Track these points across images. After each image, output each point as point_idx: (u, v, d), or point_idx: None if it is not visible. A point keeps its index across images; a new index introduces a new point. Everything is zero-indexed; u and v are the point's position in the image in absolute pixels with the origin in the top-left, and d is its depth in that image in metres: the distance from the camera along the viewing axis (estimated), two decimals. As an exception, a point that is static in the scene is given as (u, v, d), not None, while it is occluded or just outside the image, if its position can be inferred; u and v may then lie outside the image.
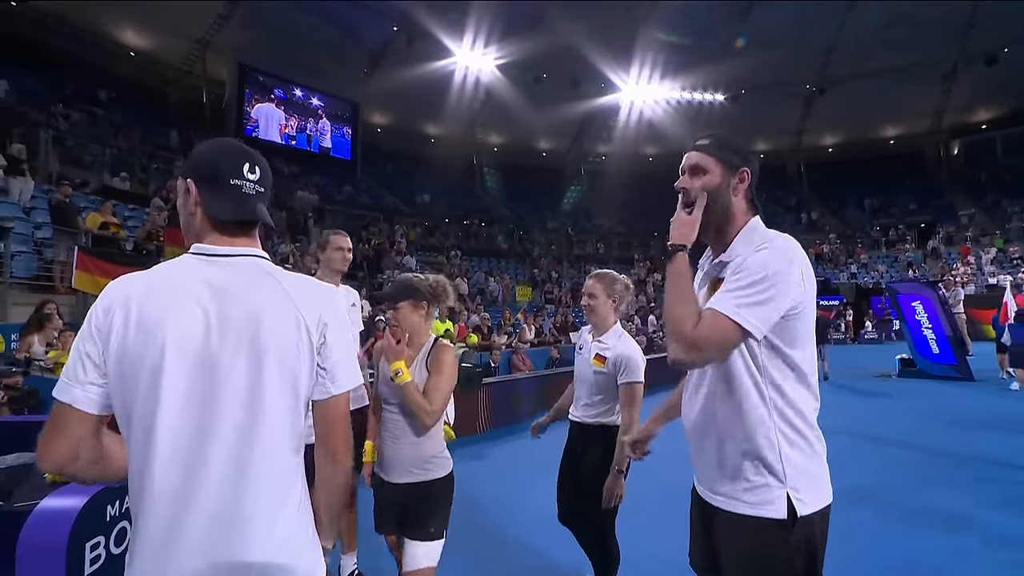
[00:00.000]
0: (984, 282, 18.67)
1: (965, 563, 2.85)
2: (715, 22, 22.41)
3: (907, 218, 25.59)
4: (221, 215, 1.00)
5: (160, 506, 0.89)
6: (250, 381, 0.93)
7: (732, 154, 1.35)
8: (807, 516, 1.21)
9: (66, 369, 0.93)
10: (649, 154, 31.30)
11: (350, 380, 1.06)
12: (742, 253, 1.28)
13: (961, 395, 8.04)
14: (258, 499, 0.93)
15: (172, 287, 0.95)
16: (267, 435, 0.94)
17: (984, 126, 26.68)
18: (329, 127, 23.05)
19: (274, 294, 0.99)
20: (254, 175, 1.03)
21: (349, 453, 1.08)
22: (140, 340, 0.90)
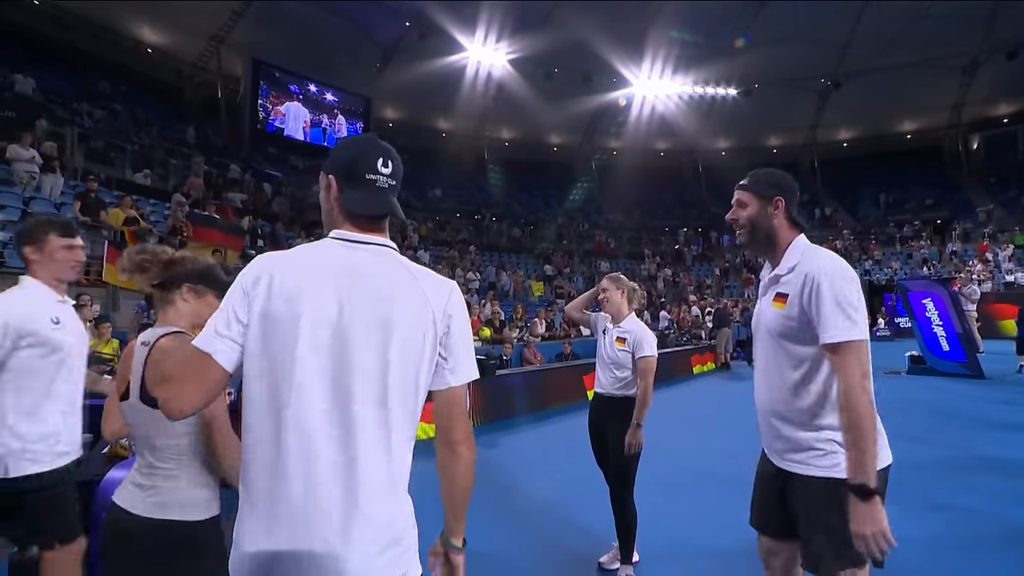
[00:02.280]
0: (1002, 280, 18.46)
1: (965, 559, 2.98)
2: (728, 16, 22.22)
3: (923, 214, 25.22)
4: (355, 209, 1.06)
5: (283, 469, 0.94)
6: (380, 359, 0.98)
7: (767, 187, 1.70)
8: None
9: (210, 326, 1.00)
10: (660, 149, 31.17)
11: (470, 372, 1.09)
12: (789, 264, 1.63)
13: (970, 392, 8.08)
14: (376, 474, 0.97)
15: (312, 264, 1.01)
16: (391, 414, 0.98)
17: (1005, 120, 26.18)
18: (345, 122, 23.30)
19: (405, 281, 1.04)
20: (387, 169, 1.09)
21: (471, 447, 1.08)
22: (281, 307, 0.97)
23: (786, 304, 1.58)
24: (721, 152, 30.75)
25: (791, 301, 1.57)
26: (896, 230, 24.40)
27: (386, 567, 0.97)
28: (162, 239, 9.30)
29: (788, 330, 1.58)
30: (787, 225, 1.69)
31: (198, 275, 1.45)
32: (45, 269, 1.91)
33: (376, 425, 0.98)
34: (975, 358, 9.47)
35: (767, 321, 1.66)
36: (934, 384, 8.92)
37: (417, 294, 1.04)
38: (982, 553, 2.95)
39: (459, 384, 1.07)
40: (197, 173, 14.41)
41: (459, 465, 1.07)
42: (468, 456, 1.07)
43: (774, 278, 1.67)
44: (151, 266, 1.41)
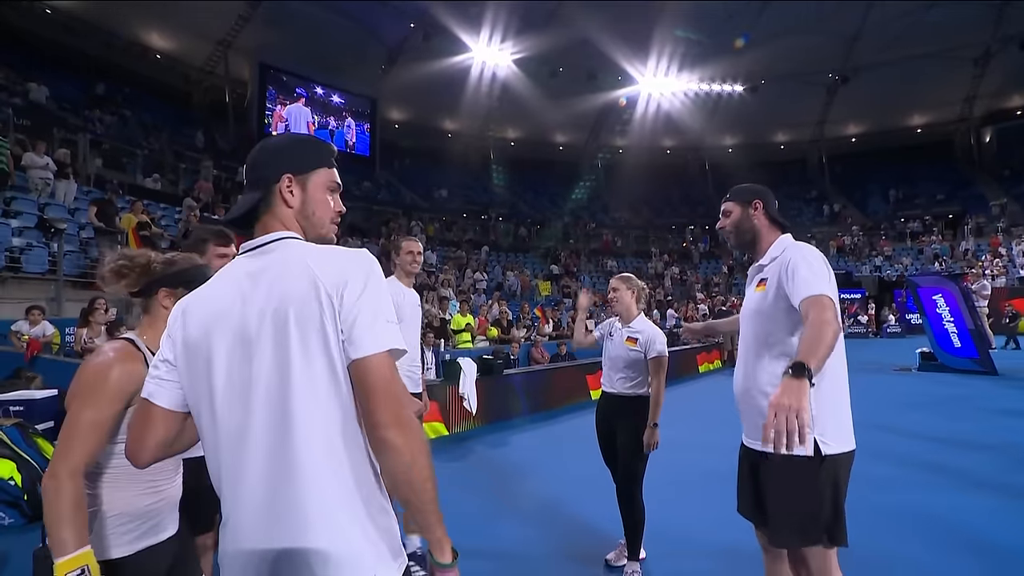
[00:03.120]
0: (1016, 274, 18.24)
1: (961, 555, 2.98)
2: (733, 12, 22.09)
3: (933, 209, 24.92)
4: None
5: (224, 488, 0.95)
6: (278, 354, 0.92)
7: (746, 193, 1.90)
8: (832, 456, 1.61)
9: (150, 369, 1.03)
10: (666, 147, 31.06)
11: (370, 343, 0.92)
12: (772, 255, 1.80)
13: (983, 388, 8.01)
14: (299, 479, 0.90)
15: (216, 284, 1.02)
16: (301, 408, 0.91)
17: (1019, 112, 25.81)
18: (353, 124, 23.46)
19: (296, 267, 0.96)
20: (246, 177, 1.07)
21: (403, 428, 0.90)
22: (193, 335, 0.98)
23: (766, 287, 1.75)
24: (728, 149, 30.58)
25: (770, 283, 1.74)
26: (906, 225, 24.14)
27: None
28: (174, 243, 9.44)
29: (767, 310, 1.74)
30: (768, 224, 1.87)
31: (175, 278, 1.35)
32: None
33: (291, 426, 0.91)
34: (987, 354, 9.37)
35: (749, 305, 1.84)
36: (945, 380, 8.85)
37: (305, 275, 0.94)
38: (978, 550, 2.95)
39: (360, 356, 0.92)
40: (206, 177, 14.59)
41: (388, 457, 0.91)
42: (400, 443, 0.89)
43: (758, 267, 1.86)
44: (129, 272, 1.34)
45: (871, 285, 20.84)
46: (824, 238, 25.11)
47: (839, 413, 1.67)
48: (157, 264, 1.36)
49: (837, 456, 1.62)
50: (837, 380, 1.68)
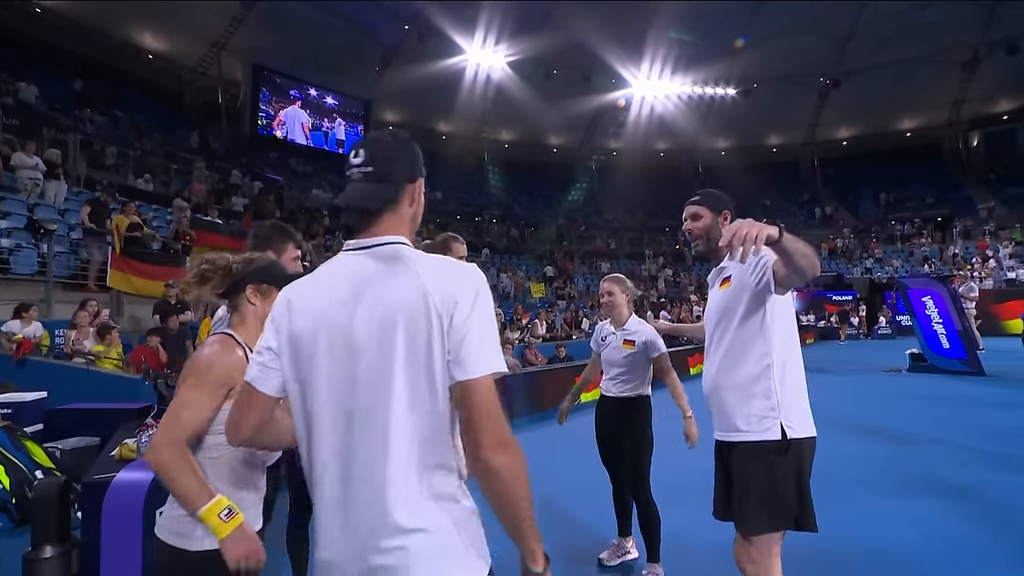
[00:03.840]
0: (1003, 277, 18.47)
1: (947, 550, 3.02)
2: (727, 15, 22.27)
3: (923, 212, 25.24)
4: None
5: (314, 478, 0.98)
6: (381, 361, 0.94)
7: (718, 202, 1.94)
8: (796, 440, 1.68)
9: (253, 355, 1.06)
10: (660, 149, 31.22)
11: (479, 365, 0.94)
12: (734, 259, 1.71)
13: (970, 389, 8.10)
14: (393, 486, 0.92)
15: (323, 279, 1.02)
16: (398, 417, 0.93)
17: (1005, 117, 26.18)
18: (343, 124, 23.43)
19: (406, 275, 0.97)
20: (358, 159, 1.03)
21: (506, 450, 0.92)
22: (300, 328, 0.99)
23: (731, 283, 1.81)
24: (721, 152, 30.80)
25: (735, 278, 1.80)
26: (897, 228, 24.41)
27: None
28: (165, 245, 9.38)
29: (733, 304, 1.79)
30: None
31: (259, 274, 1.41)
32: None
33: (382, 435, 0.93)
34: (975, 355, 9.49)
35: (714, 304, 1.89)
36: (934, 382, 8.94)
37: (416, 288, 0.95)
38: (971, 544, 2.99)
39: (466, 378, 0.93)
40: (199, 178, 14.50)
41: (491, 478, 0.92)
42: (502, 465, 0.92)
43: (719, 270, 1.92)
44: (212, 275, 1.38)
45: (862, 287, 21.04)
46: (816, 240, 25.31)
47: (800, 400, 1.75)
48: (237, 264, 1.41)
49: (802, 441, 1.69)
50: (797, 369, 1.77)
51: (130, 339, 6.58)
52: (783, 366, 1.73)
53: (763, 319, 1.73)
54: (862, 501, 3.69)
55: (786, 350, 1.75)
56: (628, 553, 2.94)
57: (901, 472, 4.32)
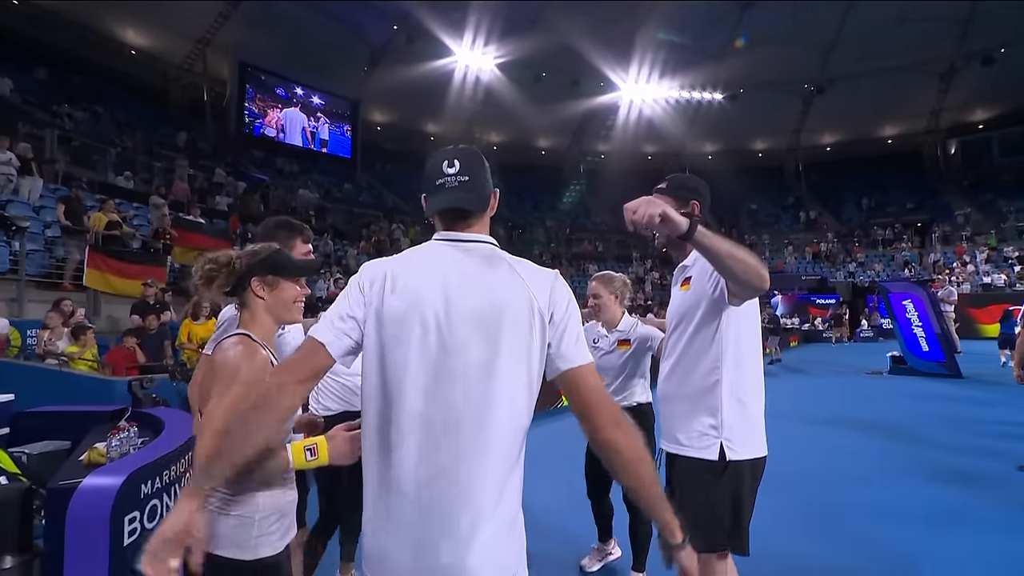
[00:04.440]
0: (979, 281, 18.86)
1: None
2: (714, 21, 22.52)
3: (904, 217, 25.73)
4: (431, 211, 1.15)
5: (395, 471, 0.99)
6: (485, 352, 1.01)
7: (684, 190, 1.77)
8: (736, 462, 1.58)
9: (330, 315, 1.07)
10: (648, 152, 31.43)
11: (581, 356, 1.06)
12: (695, 255, 1.67)
13: (949, 392, 8.24)
14: (481, 478, 0.98)
15: (421, 263, 1.08)
16: (500, 407, 1.00)
17: (981, 126, 26.79)
18: (327, 123, 23.25)
19: (507, 275, 1.07)
20: (452, 168, 1.12)
21: (622, 428, 1.02)
22: (396, 306, 1.03)
23: (691, 285, 1.71)
24: (708, 156, 31.07)
25: (695, 280, 1.70)
26: (878, 233, 24.84)
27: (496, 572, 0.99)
28: (144, 244, 9.20)
29: (690, 309, 1.69)
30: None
31: (262, 265, 1.37)
32: None
33: (477, 424, 0.99)
34: (953, 358, 9.67)
35: (674, 305, 1.79)
36: (914, 383, 9.08)
37: (519, 286, 1.06)
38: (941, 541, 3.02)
39: (572, 367, 1.05)
40: (182, 177, 14.25)
41: (615, 455, 1.01)
42: (623, 442, 1.01)
43: (682, 268, 1.80)
44: (217, 273, 1.34)
45: (845, 291, 21.35)
46: (801, 244, 25.70)
47: (750, 419, 1.63)
48: (240, 259, 1.37)
49: (742, 463, 1.59)
50: (753, 387, 1.67)
51: (107, 340, 6.42)
52: (734, 383, 1.62)
53: (718, 330, 1.62)
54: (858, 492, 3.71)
55: (741, 366, 1.63)
56: (610, 554, 2.89)
57: (891, 466, 4.37)
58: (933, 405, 7.24)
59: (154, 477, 2.21)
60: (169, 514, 1.02)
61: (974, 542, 3.08)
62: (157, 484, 2.23)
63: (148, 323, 5.75)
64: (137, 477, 2.08)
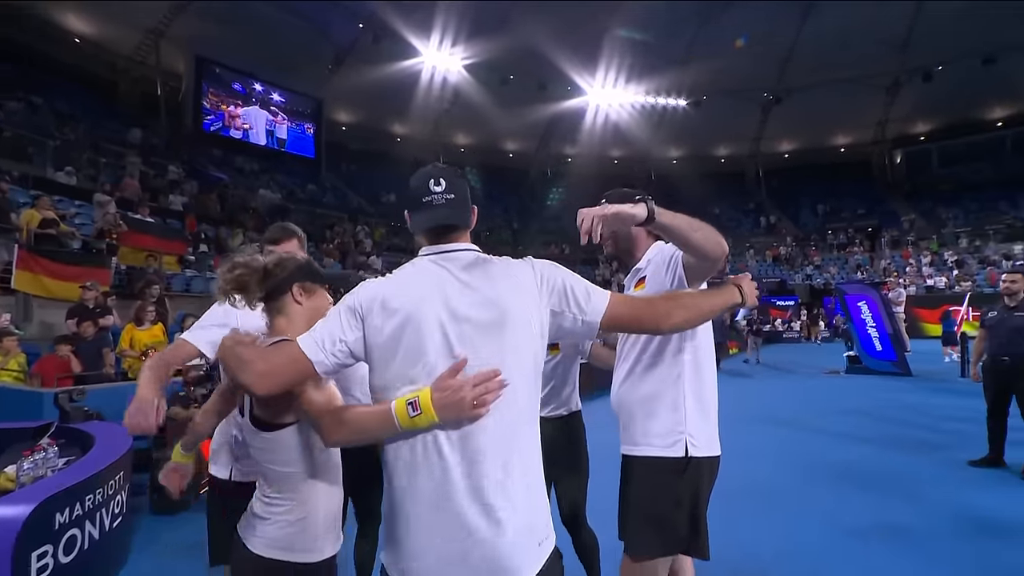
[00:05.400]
0: (923, 285, 19.85)
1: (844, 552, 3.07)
2: (677, 28, 23.00)
3: (856, 222, 26.93)
4: (418, 228, 1.21)
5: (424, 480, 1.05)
6: (496, 355, 1.08)
7: (625, 200, 1.70)
8: (697, 459, 1.58)
9: (320, 335, 1.11)
10: (614, 156, 31.85)
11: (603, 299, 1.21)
12: (648, 257, 1.75)
13: (901, 389, 8.55)
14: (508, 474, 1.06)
15: (414, 281, 1.13)
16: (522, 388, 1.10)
17: (922, 138, 28.31)
18: (286, 120, 22.55)
19: (500, 273, 1.15)
20: (439, 187, 1.19)
21: (670, 318, 1.23)
22: (397, 324, 1.08)
23: (646, 284, 1.70)
24: (672, 161, 31.73)
25: (649, 279, 1.70)
26: (833, 238, 25.90)
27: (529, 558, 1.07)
28: (86, 244, 8.61)
29: None
30: (644, 233, 1.81)
31: (303, 273, 1.38)
32: None
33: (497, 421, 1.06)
34: (904, 357, 10.07)
35: None
36: (869, 382, 9.39)
37: (512, 281, 1.14)
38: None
39: (603, 310, 1.18)
40: (133, 174, 13.49)
41: (688, 311, 1.25)
42: (679, 321, 1.24)
43: (635, 271, 1.81)
44: (249, 279, 1.31)
45: (803, 292, 22.10)
46: (761, 248, 26.52)
47: (708, 416, 1.65)
48: (272, 265, 1.36)
49: (702, 460, 1.59)
50: (709, 384, 1.67)
51: (39, 347, 5.93)
52: (693, 380, 1.62)
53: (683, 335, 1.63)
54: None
55: (698, 364, 1.64)
56: None
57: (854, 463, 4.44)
58: (887, 405, 7.46)
59: (73, 504, 1.96)
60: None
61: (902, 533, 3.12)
62: (78, 511, 1.98)
63: (83, 329, 5.30)
64: (51, 505, 1.84)
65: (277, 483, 1.26)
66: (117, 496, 2.52)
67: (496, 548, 1.02)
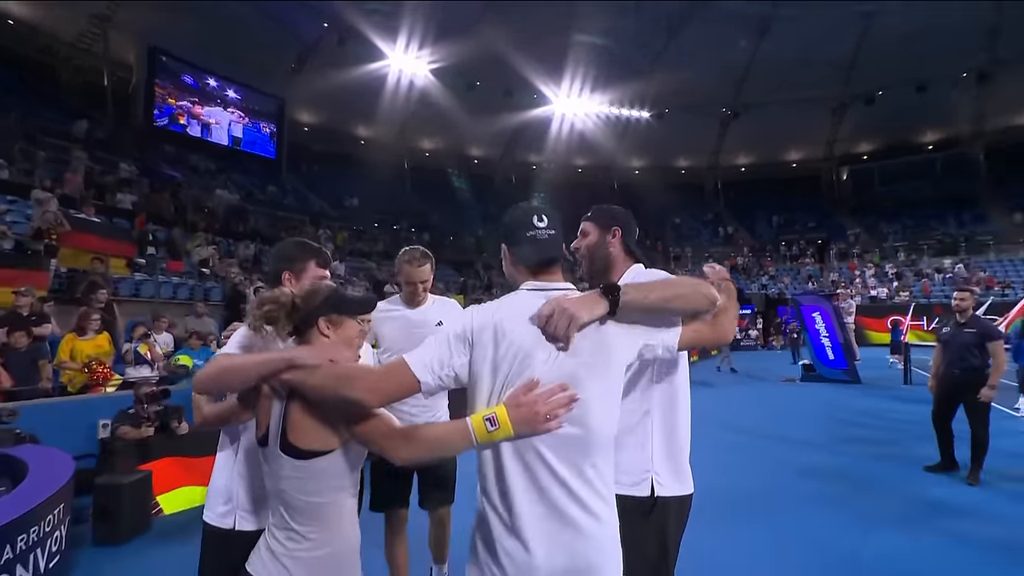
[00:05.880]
0: (868, 295, 20.95)
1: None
2: (642, 41, 23.55)
3: (807, 234, 28.25)
4: (526, 262, 1.28)
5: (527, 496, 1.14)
6: (591, 390, 1.17)
7: (607, 218, 1.74)
8: (664, 498, 1.52)
9: (429, 357, 1.18)
10: (579, 165, 32.28)
11: (674, 324, 1.34)
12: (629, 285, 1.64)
13: (852, 396, 8.93)
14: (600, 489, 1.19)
15: (522, 312, 1.19)
16: (603, 437, 1.20)
17: (865, 157, 30.06)
18: (252, 122, 21.78)
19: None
20: (543, 223, 1.27)
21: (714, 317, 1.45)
22: (509, 352, 1.16)
23: None
24: (635, 171, 32.44)
25: None
26: (787, 249, 27.06)
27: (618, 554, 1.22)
28: (20, 244, 7.99)
29: None
30: (623, 255, 1.74)
31: (329, 305, 1.36)
32: None
33: (586, 451, 1.17)
34: (854, 366, 10.54)
35: None
36: (823, 390, 9.78)
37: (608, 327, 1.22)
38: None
39: (674, 332, 1.32)
40: (76, 169, 12.64)
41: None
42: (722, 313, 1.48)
43: None
44: (278, 314, 1.32)
45: (759, 302, 22.91)
46: (720, 257, 27.32)
47: (679, 454, 1.57)
48: (300, 298, 1.36)
49: (669, 500, 1.52)
50: (682, 420, 1.59)
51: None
52: (664, 415, 1.55)
53: (656, 376, 1.57)
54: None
55: (671, 397, 1.57)
56: None
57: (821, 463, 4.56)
58: (841, 410, 7.77)
59: (2, 548, 1.74)
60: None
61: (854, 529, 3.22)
62: (7, 554, 1.76)
63: (14, 339, 4.86)
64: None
65: (307, 516, 1.23)
66: (55, 532, 2.28)
67: (598, 542, 1.16)
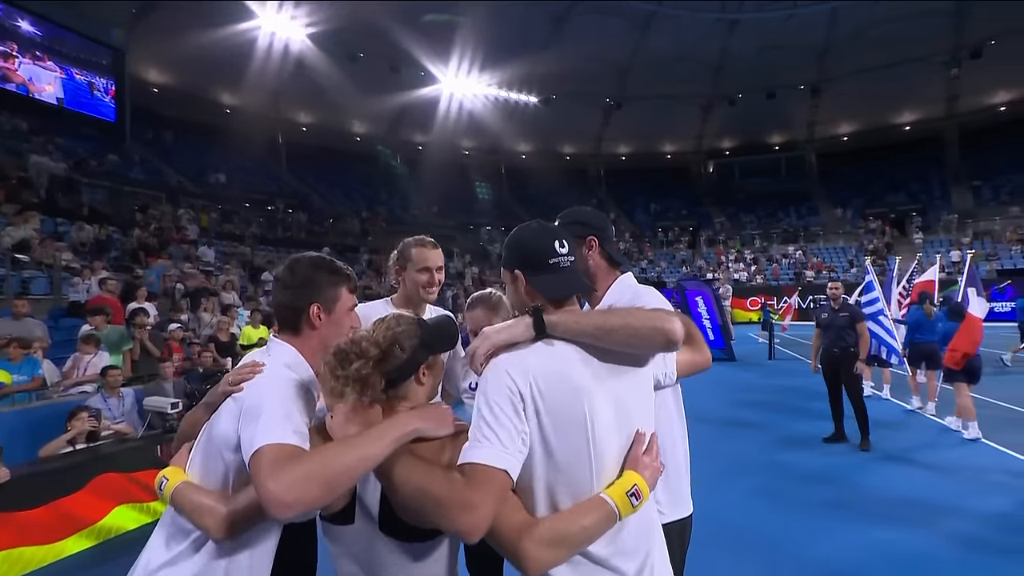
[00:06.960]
0: (732, 278, 23.57)
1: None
2: (531, 28, 23.64)
3: (680, 222, 30.95)
4: (553, 293, 1.13)
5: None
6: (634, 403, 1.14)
7: (578, 226, 1.55)
8: (666, 525, 1.39)
9: (492, 436, 0.99)
10: (466, 147, 31.90)
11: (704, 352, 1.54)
12: (611, 300, 1.52)
13: (732, 373, 9.91)
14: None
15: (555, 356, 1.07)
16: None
17: (727, 152, 33.62)
18: (81, 74, 18.00)
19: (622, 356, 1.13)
20: (564, 249, 1.15)
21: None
22: (557, 404, 1.04)
23: None
24: (522, 155, 32.89)
25: None
26: (663, 235, 29.38)
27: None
28: None
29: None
30: (606, 265, 1.59)
31: (427, 347, 1.16)
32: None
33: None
34: (730, 345, 11.70)
35: None
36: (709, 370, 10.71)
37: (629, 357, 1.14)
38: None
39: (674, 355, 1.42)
40: None
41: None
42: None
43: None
44: (370, 373, 1.07)
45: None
46: (603, 243, 28.94)
47: (675, 480, 1.50)
48: (388, 344, 1.11)
49: (671, 525, 1.45)
50: (679, 445, 1.53)
51: None
52: (662, 440, 1.41)
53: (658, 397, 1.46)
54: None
55: (667, 422, 1.48)
56: None
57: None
58: (729, 388, 8.53)
59: None
60: None
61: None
62: None
63: None
64: None
65: None
66: None
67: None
